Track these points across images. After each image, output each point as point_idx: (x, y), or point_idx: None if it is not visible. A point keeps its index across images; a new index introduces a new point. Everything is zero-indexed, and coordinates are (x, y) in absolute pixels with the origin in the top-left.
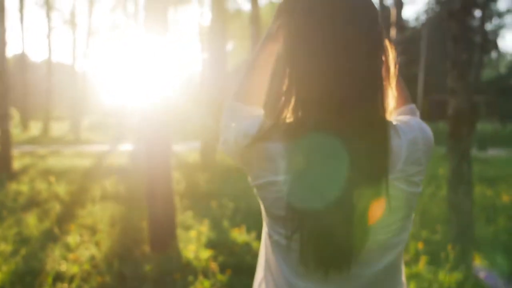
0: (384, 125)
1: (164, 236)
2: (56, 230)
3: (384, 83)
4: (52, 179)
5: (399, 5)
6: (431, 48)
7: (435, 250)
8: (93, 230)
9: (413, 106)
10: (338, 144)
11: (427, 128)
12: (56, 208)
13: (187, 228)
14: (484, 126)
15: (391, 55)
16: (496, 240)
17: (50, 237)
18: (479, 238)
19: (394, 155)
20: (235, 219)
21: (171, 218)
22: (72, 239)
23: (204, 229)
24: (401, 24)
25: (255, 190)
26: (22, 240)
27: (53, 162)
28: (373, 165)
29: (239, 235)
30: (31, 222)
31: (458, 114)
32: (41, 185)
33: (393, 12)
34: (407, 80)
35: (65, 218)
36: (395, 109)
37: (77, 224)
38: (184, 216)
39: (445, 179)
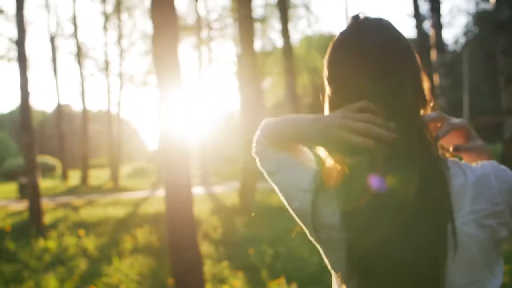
0: (436, 162)
1: None
2: None
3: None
4: (82, 233)
5: (438, 26)
6: (472, 70)
7: None
8: None
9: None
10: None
11: (503, 167)
12: (81, 266)
13: (222, 281)
14: None
15: (427, 87)
16: None
17: None
18: None
19: (458, 195)
20: (274, 267)
21: (199, 274)
22: None
23: (238, 283)
24: (441, 45)
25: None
26: None
27: (87, 213)
28: (434, 211)
29: None
30: (53, 284)
31: None
32: (69, 240)
33: (432, 33)
34: (451, 104)
35: (90, 276)
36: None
37: (103, 284)
38: (218, 268)
39: None
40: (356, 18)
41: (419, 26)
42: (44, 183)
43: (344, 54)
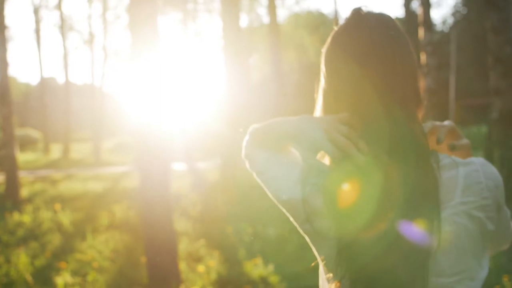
0: (428, 154)
1: (164, 274)
2: (49, 268)
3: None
4: (58, 207)
5: (426, 4)
6: (460, 51)
7: None
8: (90, 267)
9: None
10: (383, 179)
11: (490, 164)
12: (55, 241)
13: (197, 260)
14: None
15: (422, 83)
16: None
17: (40, 278)
18: None
19: (449, 186)
20: (252, 247)
21: (172, 253)
22: (62, 279)
23: (214, 263)
24: (429, 24)
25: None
26: (7, 284)
27: (66, 187)
28: (424, 198)
29: (255, 269)
30: (23, 260)
31: (505, 116)
32: (45, 215)
33: (420, 12)
34: (438, 85)
35: (64, 252)
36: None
37: (75, 260)
38: (195, 246)
39: None
40: (356, 11)
41: (407, 5)
42: (25, 156)
43: (341, 48)
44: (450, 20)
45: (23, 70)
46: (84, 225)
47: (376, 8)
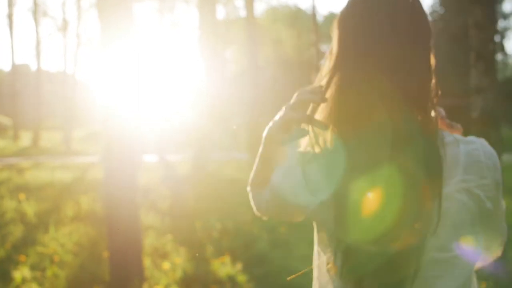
0: (435, 133)
1: (127, 271)
2: (8, 261)
3: (431, 98)
4: (22, 196)
5: None
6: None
7: None
8: (50, 261)
9: None
10: (387, 156)
11: (489, 145)
12: (17, 233)
13: (163, 256)
14: None
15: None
16: None
17: None
18: None
19: (451, 163)
20: (221, 243)
21: (136, 249)
22: (20, 273)
23: (180, 260)
24: None
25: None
26: None
27: (33, 176)
28: (428, 174)
29: (222, 267)
30: None
31: (486, 115)
32: (8, 204)
33: None
34: None
35: (25, 244)
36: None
37: (36, 253)
38: (161, 241)
39: None
40: None
41: None
42: None
43: (360, 12)
44: None
45: None
46: (49, 216)
47: None
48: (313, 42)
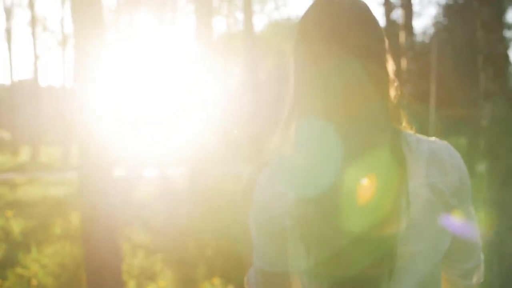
0: (396, 131)
1: None
2: None
3: (390, 88)
4: (10, 214)
5: (408, 7)
6: (440, 62)
7: None
8: (28, 285)
9: None
10: (352, 155)
11: (453, 148)
12: None
13: (150, 277)
14: None
15: (391, 62)
16: None
17: None
18: None
19: (415, 160)
20: (213, 264)
21: (115, 272)
22: None
23: (164, 283)
24: (410, 28)
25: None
26: None
27: (26, 192)
28: (391, 172)
29: None
30: None
31: (496, 123)
32: None
33: (401, 15)
34: (418, 94)
35: (5, 266)
36: None
37: (15, 275)
38: (150, 261)
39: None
40: None
41: (387, 14)
42: None
43: (311, 28)
44: (431, 31)
45: None
46: (35, 235)
47: None
48: None
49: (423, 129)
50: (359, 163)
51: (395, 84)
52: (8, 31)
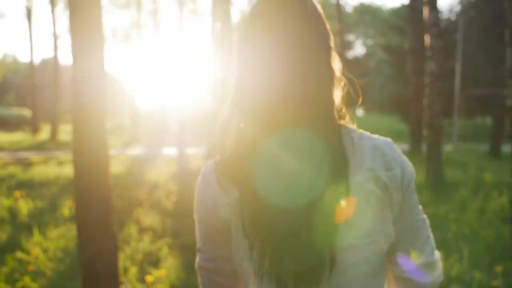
0: (337, 126)
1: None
2: None
3: (333, 85)
4: (18, 194)
5: None
6: (466, 40)
7: None
8: (25, 271)
9: None
10: (294, 148)
11: (394, 145)
12: (2, 235)
13: (154, 264)
14: None
15: (337, 60)
16: None
17: None
18: None
19: (359, 155)
20: None
21: (111, 263)
22: None
23: (164, 271)
24: (434, 3)
25: None
26: None
27: (40, 171)
28: (334, 165)
29: None
30: None
31: None
32: (5, 202)
33: None
34: (442, 71)
35: (6, 249)
36: None
37: (15, 259)
38: (157, 245)
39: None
40: None
41: None
42: (12, 136)
43: (252, 23)
44: (457, 8)
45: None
46: (43, 217)
47: None
48: (337, 30)
49: (448, 109)
50: (299, 158)
51: (341, 81)
52: (29, 10)
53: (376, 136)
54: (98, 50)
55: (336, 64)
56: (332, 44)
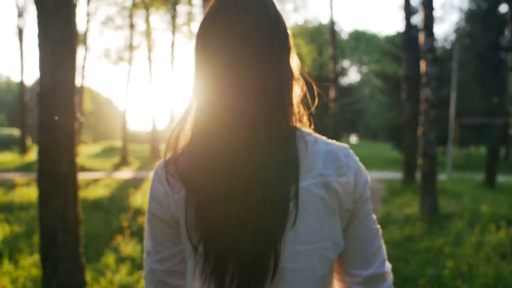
0: (292, 128)
1: None
2: None
3: (292, 85)
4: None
5: (428, 6)
6: (461, 69)
7: None
8: None
9: None
10: (243, 154)
11: (351, 151)
12: None
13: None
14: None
15: (296, 74)
16: None
17: None
18: None
19: (311, 159)
20: None
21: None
22: None
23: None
24: (430, 29)
25: None
26: None
27: (22, 193)
28: (284, 167)
29: None
30: None
31: None
32: None
33: (421, 15)
34: (437, 99)
35: None
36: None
37: None
38: (135, 277)
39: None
40: None
41: (407, 19)
42: (0, 157)
43: (209, 23)
44: (452, 37)
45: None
46: (19, 242)
47: (376, 23)
48: (331, 56)
49: (442, 137)
50: (249, 158)
51: (299, 82)
52: (20, 30)
53: (332, 141)
54: (69, 61)
55: (295, 64)
56: (291, 43)
